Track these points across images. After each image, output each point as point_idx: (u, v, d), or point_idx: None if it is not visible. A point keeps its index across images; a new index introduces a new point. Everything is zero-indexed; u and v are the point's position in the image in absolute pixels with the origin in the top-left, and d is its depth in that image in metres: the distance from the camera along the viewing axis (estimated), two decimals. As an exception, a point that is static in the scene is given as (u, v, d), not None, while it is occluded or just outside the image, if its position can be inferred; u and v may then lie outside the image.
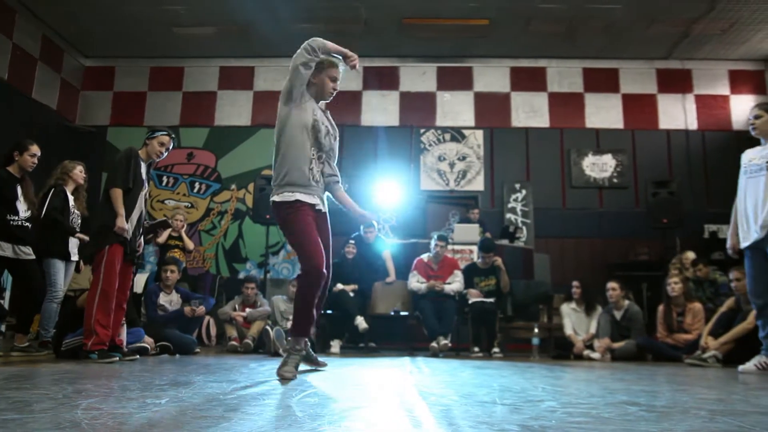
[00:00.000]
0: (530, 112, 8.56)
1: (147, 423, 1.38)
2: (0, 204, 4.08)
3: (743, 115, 8.37)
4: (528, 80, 8.64)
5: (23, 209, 4.19)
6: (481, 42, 8.16)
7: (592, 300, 5.62)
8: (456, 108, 8.62)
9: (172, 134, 4.00)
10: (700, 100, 8.51)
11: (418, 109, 8.59)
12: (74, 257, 4.51)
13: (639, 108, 8.52)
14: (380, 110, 8.57)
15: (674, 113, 8.50)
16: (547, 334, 5.80)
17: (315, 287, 2.71)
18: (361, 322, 5.49)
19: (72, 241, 4.42)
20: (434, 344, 5.21)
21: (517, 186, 8.31)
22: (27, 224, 4.20)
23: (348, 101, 8.35)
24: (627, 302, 5.39)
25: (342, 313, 5.56)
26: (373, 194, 8.04)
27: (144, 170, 3.90)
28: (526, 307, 6.07)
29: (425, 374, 3.16)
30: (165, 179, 8.51)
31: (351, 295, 5.64)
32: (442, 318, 5.44)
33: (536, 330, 5.44)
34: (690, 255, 6.28)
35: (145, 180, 3.92)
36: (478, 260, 5.89)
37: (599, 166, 8.37)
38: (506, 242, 6.76)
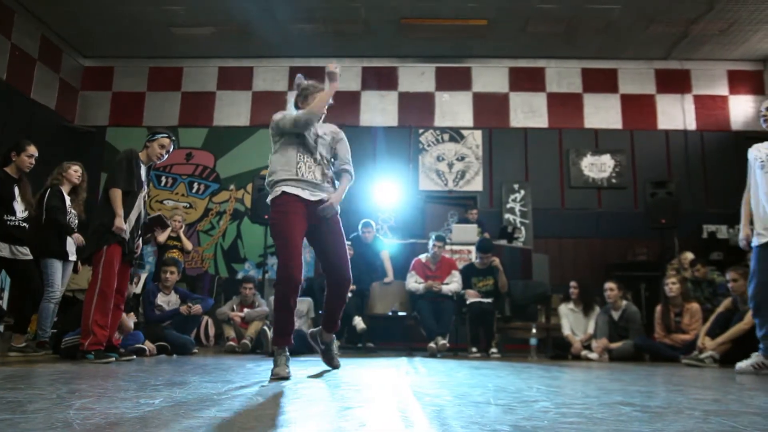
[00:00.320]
0: (529, 113, 8.56)
1: (139, 422, 1.39)
2: (-3, 204, 4.09)
3: (742, 116, 8.39)
4: (527, 80, 8.64)
5: (20, 210, 4.20)
6: (480, 42, 8.16)
7: (590, 300, 5.61)
8: (455, 108, 8.62)
9: (173, 136, 4.00)
10: (699, 101, 8.50)
11: (417, 110, 8.59)
12: (72, 257, 4.51)
13: (638, 108, 8.52)
14: (379, 110, 8.56)
15: (673, 113, 8.49)
16: (545, 335, 5.80)
17: (288, 294, 2.78)
18: (359, 323, 5.49)
19: (69, 241, 4.42)
20: (432, 344, 5.20)
21: (516, 186, 8.31)
22: (24, 225, 4.20)
23: (346, 101, 8.34)
24: (625, 302, 5.39)
25: (340, 314, 5.56)
26: (372, 194, 8.04)
27: (144, 172, 3.91)
28: (524, 308, 6.06)
29: (421, 374, 3.16)
30: (164, 179, 8.51)
31: (349, 295, 5.62)
32: (440, 318, 5.44)
33: (534, 330, 5.44)
34: (688, 255, 6.29)
35: (145, 182, 3.93)
36: (476, 260, 5.88)
37: (598, 167, 8.36)
38: (505, 242, 6.75)
